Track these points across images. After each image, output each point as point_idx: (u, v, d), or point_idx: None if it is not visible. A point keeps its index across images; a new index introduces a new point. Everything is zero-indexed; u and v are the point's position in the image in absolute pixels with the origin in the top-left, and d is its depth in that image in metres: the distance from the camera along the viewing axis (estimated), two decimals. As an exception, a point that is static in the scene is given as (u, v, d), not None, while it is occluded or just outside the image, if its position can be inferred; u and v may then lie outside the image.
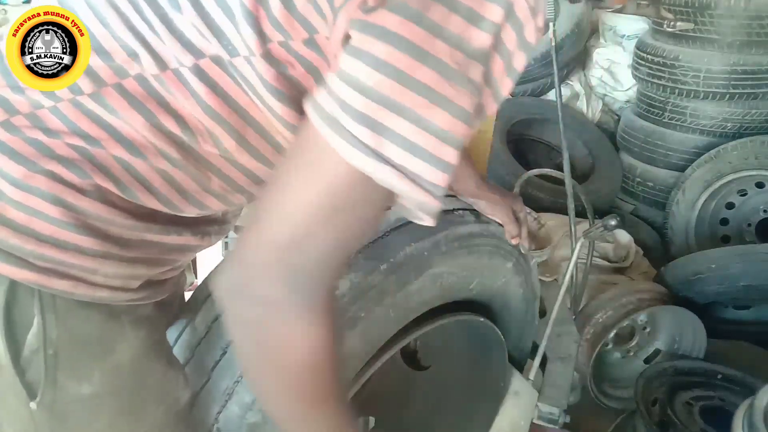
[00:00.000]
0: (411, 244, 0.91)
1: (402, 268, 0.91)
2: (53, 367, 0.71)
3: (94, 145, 0.69)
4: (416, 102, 0.55)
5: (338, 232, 0.60)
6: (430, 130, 0.56)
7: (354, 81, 0.55)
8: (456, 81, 0.56)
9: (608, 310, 2.01)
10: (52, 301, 0.70)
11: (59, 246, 0.68)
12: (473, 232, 1.02)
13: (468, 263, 1.03)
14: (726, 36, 2.68)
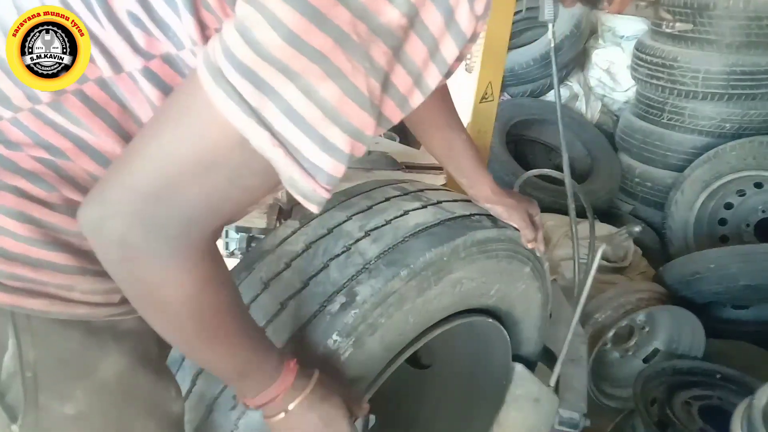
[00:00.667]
0: (431, 249, 0.91)
1: (422, 274, 0.90)
2: (33, 389, 0.68)
3: (60, 157, 0.65)
4: (306, 68, 0.50)
5: (208, 192, 0.55)
6: (317, 102, 0.51)
7: (245, 32, 0.51)
8: (353, 54, 0.51)
9: (607, 310, 2.01)
10: (27, 321, 0.66)
11: (31, 264, 0.65)
12: (491, 237, 1.01)
13: (486, 268, 1.03)
14: (725, 37, 2.69)
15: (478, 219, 1.03)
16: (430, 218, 0.96)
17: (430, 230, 0.94)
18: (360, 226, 0.94)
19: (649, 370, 1.90)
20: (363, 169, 1.63)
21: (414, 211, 0.97)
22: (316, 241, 0.94)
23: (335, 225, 0.96)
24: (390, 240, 0.92)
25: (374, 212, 0.97)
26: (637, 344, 2.14)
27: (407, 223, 0.95)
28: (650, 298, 2.07)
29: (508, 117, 3.20)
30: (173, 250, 0.57)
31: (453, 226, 0.97)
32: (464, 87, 1.91)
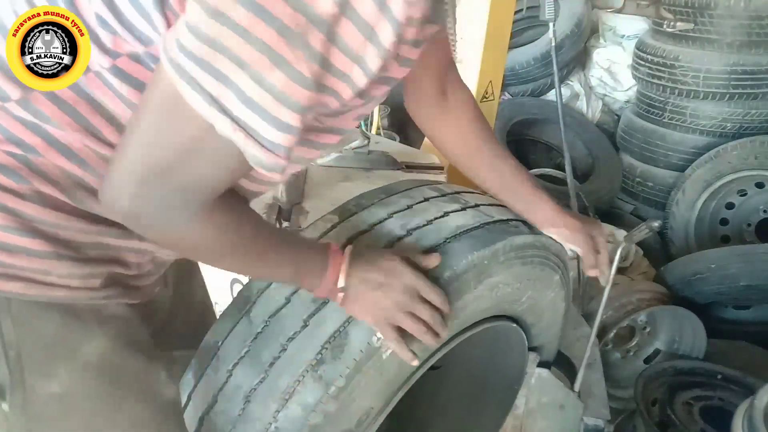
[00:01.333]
0: (473, 252, 0.90)
1: (463, 276, 0.90)
2: (18, 368, 0.71)
3: (30, 152, 0.68)
4: (255, 58, 0.56)
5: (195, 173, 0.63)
6: (267, 88, 0.58)
7: (197, 28, 0.57)
8: (294, 43, 0.57)
9: (608, 310, 2.01)
10: (7, 304, 0.70)
11: (6, 249, 0.68)
12: (528, 242, 0.99)
13: (522, 274, 1.02)
14: (726, 36, 2.69)
15: (515, 224, 1.02)
16: (471, 221, 0.96)
17: (471, 233, 0.94)
18: (402, 224, 0.94)
19: (650, 370, 1.90)
20: (363, 169, 1.63)
21: (454, 213, 0.97)
22: (358, 238, 0.93)
23: (376, 222, 0.95)
24: (433, 240, 0.91)
25: (415, 212, 0.96)
26: (638, 345, 2.14)
27: (448, 224, 0.94)
28: (651, 299, 2.07)
29: (509, 116, 3.20)
30: (180, 216, 0.65)
31: (493, 230, 0.96)
32: (465, 87, 1.91)
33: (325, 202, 1.42)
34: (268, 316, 0.89)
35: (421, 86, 1.03)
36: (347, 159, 1.65)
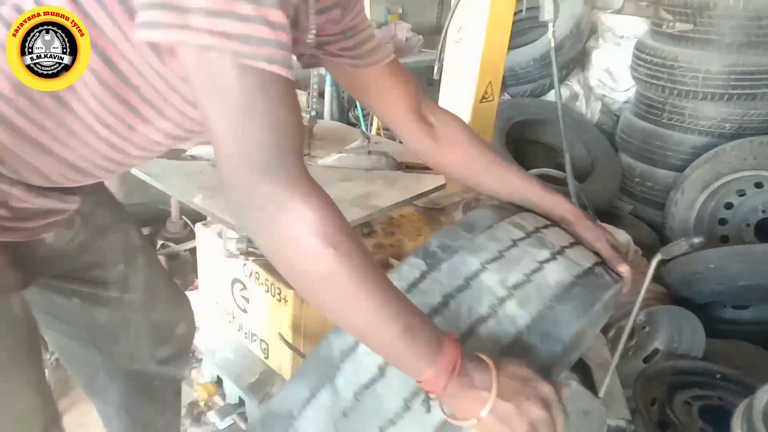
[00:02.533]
0: (579, 319, 0.81)
1: (571, 346, 0.82)
2: None
3: None
4: None
5: (267, 123, 0.67)
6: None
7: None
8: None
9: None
10: None
11: None
12: (613, 294, 0.92)
13: (602, 322, 0.99)
14: (725, 37, 2.69)
15: (599, 273, 0.92)
16: (566, 275, 0.86)
17: (570, 292, 0.84)
18: (500, 280, 0.83)
19: (649, 370, 1.89)
20: (363, 169, 1.63)
21: (547, 264, 0.87)
22: (456, 296, 0.81)
23: (472, 275, 0.84)
24: (537, 305, 0.81)
25: (508, 262, 0.86)
26: (637, 344, 2.13)
27: (547, 280, 0.84)
28: (650, 298, 2.07)
29: (509, 117, 3.20)
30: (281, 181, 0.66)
31: (587, 285, 0.87)
32: (464, 87, 1.91)
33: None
34: (360, 388, 0.76)
35: (404, 126, 1.06)
36: (347, 159, 1.65)
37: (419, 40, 3.71)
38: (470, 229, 0.92)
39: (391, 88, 1.04)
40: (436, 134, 1.06)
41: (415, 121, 1.05)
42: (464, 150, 1.06)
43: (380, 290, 0.69)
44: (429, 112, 1.07)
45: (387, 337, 0.69)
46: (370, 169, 1.64)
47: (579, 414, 1.28)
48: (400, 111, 1.05)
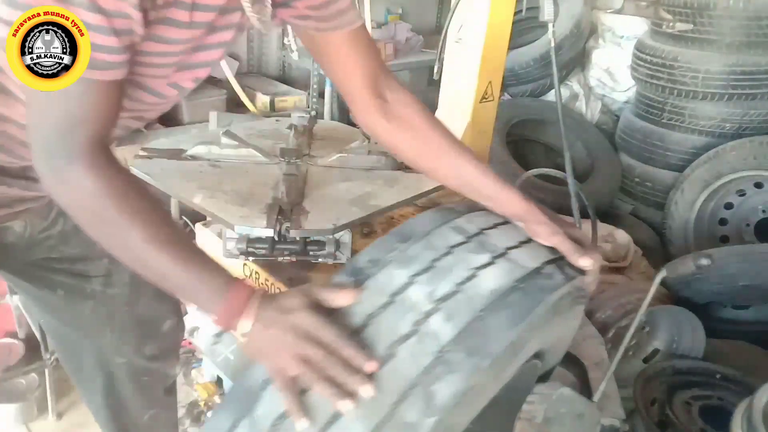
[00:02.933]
0: (512, 329, 0.76)
1: (502, 358, 0.77)
2: None
3: None
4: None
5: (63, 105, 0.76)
6: None
7: None
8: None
9: (607, 310, 2.01)
10: None
11: None
12: (563, 294, 0.86)
13: (554, 324, 0.91)
14: (725, 37, 2.69)
15: (548, 273, 0.86)
16: (505, 280, 0.80)
17: (506, 299, 0.78)
18: (428, 293, 0.77)
19: (649, 370, 1.90)
20: (363, 169, 1.63)
21: (483, 270, 0.81)
22: (378, 315, 0.76)
23: (398, 291, 0.78)
24: (465, 316, 0.76)
25: (439, 272, 0.80)
26: (637, 344, 2.14)
27: (480, 289, 0.78)
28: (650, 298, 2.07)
29: (509, 117, 3.20)
30: (69, 159, 0.76)
31: (528, 289, 0.81)
32: (464, 87, 1.91)
33: (325, 202, 1.42)
34: (277, 417, 0.73)
35: (356, 98, 1.04)
36: (347, 159, 1.65)
37: (419, 40, 3.71)
38: (405, 238, 0.86)
39: (348, 57, 1.01)
40: (388, 112, 1.02)
41: (367, 96, 1.02)
42: (416, 133, 1.02)
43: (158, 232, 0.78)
44: (387, 88, 1.03)
45: (180, 284, 0.80)
46: (370, 169, 1.64)
47: (573, 417, 1.27)
48: (354, 82, 1.03)
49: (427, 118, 1.03)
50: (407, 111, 1.02)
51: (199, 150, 1.62)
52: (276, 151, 1.64)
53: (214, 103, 2.89)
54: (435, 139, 1.02)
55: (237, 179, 1.50)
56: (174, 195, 1.55)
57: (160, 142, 1.79)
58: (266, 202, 1.40)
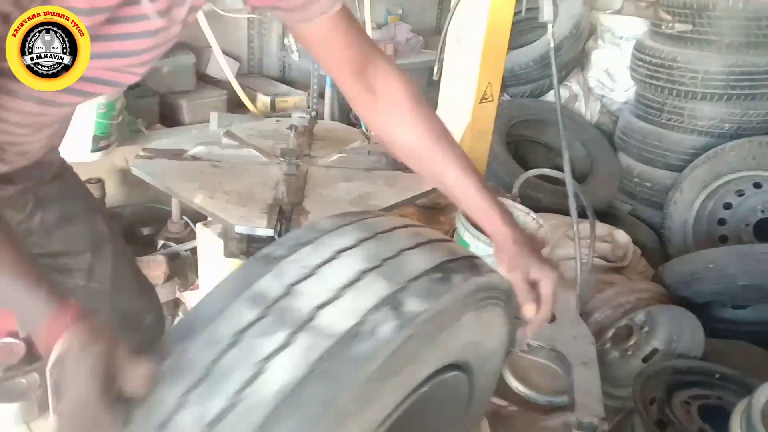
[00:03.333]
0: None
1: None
2: None
3: None
4: None
5: None
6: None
7: None
8: None
9: (606, 310, 2.01)
10: None
11: None
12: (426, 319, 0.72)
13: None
14: (724, 37, 2.70)
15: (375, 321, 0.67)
16: (296, 370, 0.62)
17: (298, 397, 0.62)
18: (198, 417, 0.62)
19: (648, 369, 1.90)
20: (363, 169, 1.64)
21: (274, 360, 0.63)
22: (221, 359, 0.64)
23: (165, 420, 0.63)
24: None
25: (216, 379, 0.63)
26: (637, 344, 2.14)
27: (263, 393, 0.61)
28: (649, 298, 2.07)
29: (508, 117, 3.20)
30: None
31: (333, 369, 0.63)
32: (464, 87, 1.91)
33: (325, 202, 1.43)
34: None
35: (346, 89, 0.97)
36: (347, 159, 1.65)
37: (419, 40, 3.72)
38: (187, 333, 0.68)
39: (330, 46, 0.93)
40: (377, 104, 0.95)
41: (356, 87, 0.95)
42: (405, 127, 0.95)
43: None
44: (376, 76, 0.95)
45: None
46: (370, 169, 1.64)
47: None
48: (341, 72, 0.95)
49: (416, 109, 0.95)
50: (394, 103, 0.95)
51: (199, 150, 1.63)
52: (276, 152, 1.64)
53: (215, 103, 2.89)
54: (423, 136, 0.94)
55: (237, 179, 1.51)
56: (174, 195, 1.56)
57: (161, 143, 1.80)
58: (266, 202, 1.41)
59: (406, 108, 0.94)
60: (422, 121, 0.95)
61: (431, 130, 0.95)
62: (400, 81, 0.96)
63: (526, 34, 3.53)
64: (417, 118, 0.94)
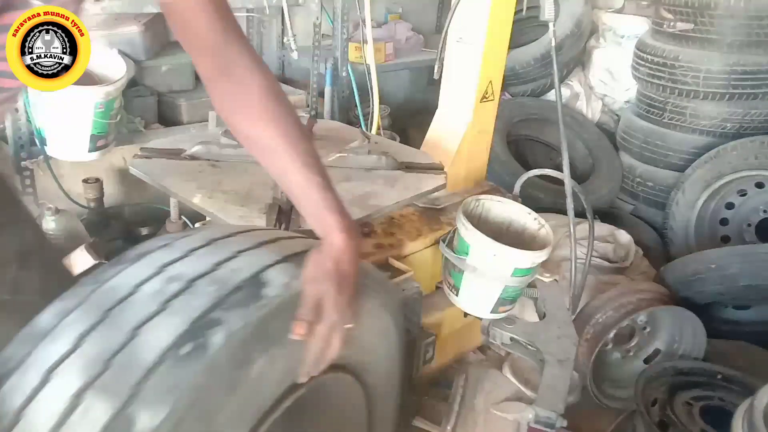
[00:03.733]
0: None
1: None
2: None
3: None
4: None
5: None
6: None
7: None
8: None
9: (608, 310, 2.00)
10: None
11: None
12: None
13: None
14: (726, 36, 2.69)
15: None
16: None
17: None
18: None
19: (650, 370, 1.89)
20: (363, 169, 1.63)
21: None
22: None
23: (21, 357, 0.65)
24: None
25: None
26: (638, 344, 2.13)
27: None
28: (651, 299, 2.06)
29: (509, 116, 3.20)
30: None
31: None
32: (465, 86, 1.90)
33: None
34: None
35: (200, 66, 0.92)
36: (347, 159, 1.65)
37: (419, 39, 3.71)
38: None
39: (195, 22, 0.87)
40: (228, 90, 0.90)
41: (211, 68, 0.90)
42: (251, 118, 0.89)
43: None
44: (234, 62, 0.89)
45: None
46: (370, 169, 1.64)
47: None
48: (201, 52, 0.90)
49: (268, 109, 0.90)
50: (247, 95, 0.89)
51: (198, 150, 1.62)
52: (276, 151, 1.64)
53: (214, 102, 2.88)
54: (267, 134, 0.89)
55: (236, 179, 1.50)
56: (173, 195, 1.55)
57: (159, 142, 1.79)
58: (266, 202, 1.40)
59: (256, 99, 0.90)
60: (270, 116, 0.90)
61: (278, 126, 0.89)
62: (258, 73, 0.91)
63: (527, 32, 3.52)
64: (265, 112, 0.90)
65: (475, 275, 1.50)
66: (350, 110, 3.16)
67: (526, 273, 1.51)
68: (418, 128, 2.71)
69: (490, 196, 1.65)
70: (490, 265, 1.47)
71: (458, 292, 1.56)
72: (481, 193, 1.83)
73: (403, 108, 3.75)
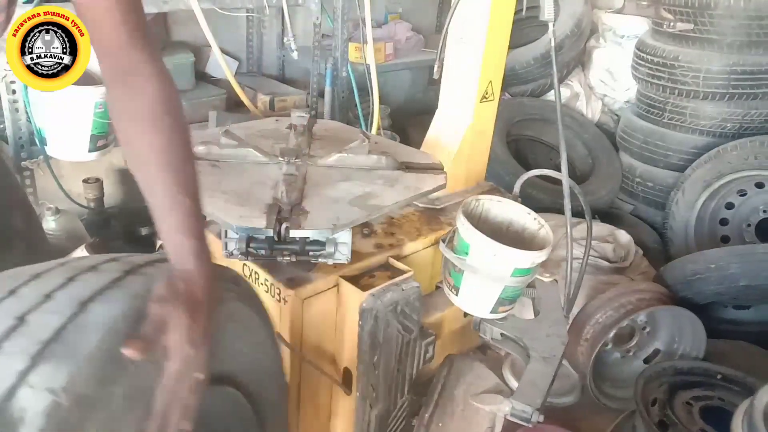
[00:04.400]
0: None
1: None
2: None
3: None
4: None
5: None
6: None
7: None
8: None
9: (608, 310, 2.01)
10: None
11: None
12: None
13: None
14: (726, 36, 2.69)
15: None
16: None
17: None
18: None
19: (649, 370, 1.89)
20: (363, 169, 1.63)
21: None
22: None
23: None
24: None
25: None
26: (638, 344, 2.14)
27: None
28: (651, 299, 2.06)
29: (509, 116, 3.20)
30: None
31: None
32: (465, 86, 1.90)
33: (324, 202, 1.42)
34: None
35: (102, 65, 0.89)
36: (347, 159, 1.65)
37: (419, 39, 3.71)
38: None
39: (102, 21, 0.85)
40: (123, 95, 0.87)
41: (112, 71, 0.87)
42: (136, 127, 0.86)
43: None
44: (134, 68, 0.87)
45: None
46: (370, 169, 1.64)
47: None
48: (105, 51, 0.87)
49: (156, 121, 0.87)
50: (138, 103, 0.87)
51: (198, 150, 1.62)
52: (276, 151, 1.64)
53: (214, 102, 2.88)
54: (145, 145, 0.85)
55: (236, 179, 1.50)
56: (174, 195, 1.55)
57: (160, 142, 1.78)
58: (266, 202, 1.40)
59: (146, 110, 0.87)
60: (155, 129, 0.86)
61: (161, 140, 0.86)
62: (156, 84, 0.88)
63: (527, 32, 3.52)
64: (152, 124, 0.86)
65: (475, 275, 1.50)
66: (350, 110, 3.16)
67: (525, 273, 1.51)
68: (418, 128, 2.71)
69: (490, 196, 1.65)
70: (490, 265, 1.47)
71: (458, 292, 1.56)
72: (481, 193, 1.83)
73: (403, 108, 3.75)
